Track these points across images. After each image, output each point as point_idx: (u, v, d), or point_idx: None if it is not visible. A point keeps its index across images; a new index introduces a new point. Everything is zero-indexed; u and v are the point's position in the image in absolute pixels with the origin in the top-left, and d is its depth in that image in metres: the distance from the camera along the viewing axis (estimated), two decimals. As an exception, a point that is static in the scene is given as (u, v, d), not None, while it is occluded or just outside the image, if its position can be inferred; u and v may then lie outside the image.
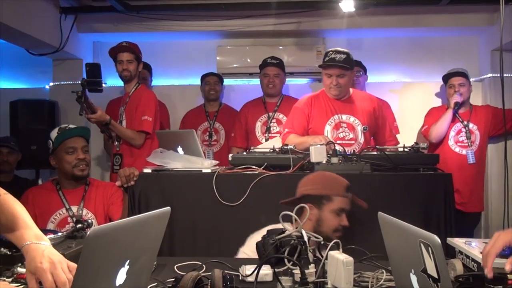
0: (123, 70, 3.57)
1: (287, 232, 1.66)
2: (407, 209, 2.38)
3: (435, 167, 2.59)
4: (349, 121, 3.10)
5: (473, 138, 3.88)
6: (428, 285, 1.04)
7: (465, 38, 4.64)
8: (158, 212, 1.26)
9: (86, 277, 1.01)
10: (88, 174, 2.69)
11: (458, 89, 3.88)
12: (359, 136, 3.08)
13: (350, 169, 2.47)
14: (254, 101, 4.14)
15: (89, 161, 2.69)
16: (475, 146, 3.89)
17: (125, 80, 3.61)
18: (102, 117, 3.33)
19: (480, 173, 3.94)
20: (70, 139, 2.62)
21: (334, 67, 3.04)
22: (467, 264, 1.60)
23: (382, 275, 1.50)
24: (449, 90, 3.96)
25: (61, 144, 2.61)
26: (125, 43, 3.64)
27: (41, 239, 1.31)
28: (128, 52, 3.59)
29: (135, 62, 3.61)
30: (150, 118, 3.47)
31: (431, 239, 0.98)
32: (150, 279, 1.52)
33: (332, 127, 3.11)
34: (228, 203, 2.43)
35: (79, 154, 2.60)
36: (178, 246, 2.45)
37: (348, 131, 3.09)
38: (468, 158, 3.84)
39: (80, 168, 2.61)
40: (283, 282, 1.47)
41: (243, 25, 4.39)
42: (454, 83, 3.92)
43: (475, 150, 3.88)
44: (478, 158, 3.88)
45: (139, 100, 3.54)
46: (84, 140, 2.69)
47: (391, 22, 4.39)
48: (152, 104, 3.54)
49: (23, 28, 3.63)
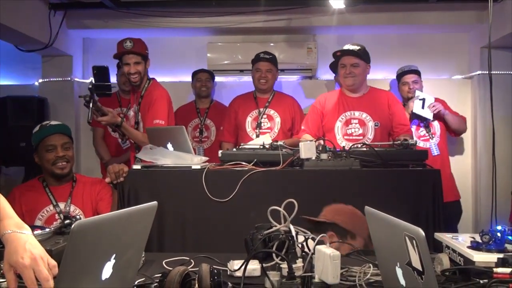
0: (130, 74, 3.33)
1: (275, 227, 1.66)
2: (396, 204, 2.40)
3: (423, 163, 2.60)
4: (361, 117, 3.16)
5: (433, 130, 3.92)
6: (413, 277, 1.04)
7: (454, 36, 4.67)
8: (144, 206, 1.26)
9: (71, 271, 1.01)
10: (69, 171, 2.64)
11: (412, 87, 3.95)
12: (369, 132, 3.14)
13: (340, 165, 2.48)
14: (244, 96, 4.08)
15: (71, 158, 2.64)
16: (437, 138, 3.93)
17: (135, 85, 3.39)
18: (113, 119, 3.10)
19: (445, 163, 3.96)
20: (49, 136, 2.60)
21: (347, 54, 3.14)
22: (454, 258, 1.62)
23: (369, 269, 1.51)
24: (402, 87, 4.03)
25: (41, 142, 2.60)
26: (128, 42, 3.36)
27: (22, 228, 1.27)
28: (134, 54, 3.35)
29: (143, 62, 3.36)
30: (163, 121, 3.26)
31: (415, 232, 0.99)
32: (138, 275, 1.52)
33: (342, 124, 3.19)
34: (217, 199, 2.43)
35: (59, 151, 2.58)
36: (168, 242, 2.45)
37: (358, 127, 3.15)
38: (432, 151, 3.86)
39: (59, 166, 2.58)
40: (271, 277, 1.47)
41: (233, 22, 4.38)
42: (407, 80, 3.99)
43: (438, 142, 3.92)
44: (441, 149, 3.92)
45: (150, 101, 3.32)
46: (64, 137, 2.65)
47: (381, 19, 4.41)
48: (164, 105, 3.32)
49: (11, 24, 3.59)
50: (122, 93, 4.34)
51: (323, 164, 2.49)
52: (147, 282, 1.50)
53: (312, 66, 4.60)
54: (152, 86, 3.42)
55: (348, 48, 3.19)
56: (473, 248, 1.55)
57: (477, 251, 1.52)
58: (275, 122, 3.88)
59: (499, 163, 3.13)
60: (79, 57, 4.80)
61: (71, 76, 4.64)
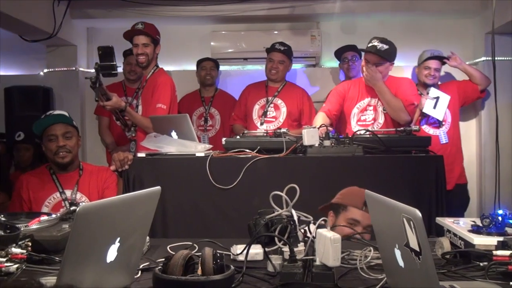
0: (138, 54, 3.38)
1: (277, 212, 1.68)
2: (398, 190, 2.42)
3: (426, 149, 2.61)
4: (376, 104, 3.16)
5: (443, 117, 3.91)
6: (411, 258, 1.06)
7: (459, 22, 4.64)
8: (148, 191, 1.28)
9: (77, 253, 1.04)
10: (71, 160, 2.64)
11: (433, 73, 3.94)
12: (379, 117, 3.14)
13: (343, 152, 2.50)
14: (257, 84, 4.12)
15: (73, 147, 2.64)
16: (447, 125, 3.92)
17: (142, 66, 3.44)
18: (117, 103, 3.12)
19: (457, 150, 3.97)
20: (50, 126, 2.61)
21: (370, 54, 3.06)
22: (455, 242, 1.63)
23: (370, 252, 1.53)
24: (423, 70, 3.97)
25: (43, 131, 2.62)
26: (140, 25, 3.42)
27: None
28: (144, 35, 3.38)
29: (152, 45, 3.40)
30: (165, 106, 3.28)
31: (412, 213, 1.01)
32: (142, 259, 1.55)
33: (359, 110, 3.20)
34: (221, 186, 2.46)
35: (59, 141, 2.59)
36: (172, 228, 2.49)
37: (372, 113, 3.16)
38: (440, 138, 3.87)
39: (60, 155, 2.59)
40: (273, 260, 1.49)
41: (237, 10, 4.37)
42: (430, 65, 3.96)
43: (447, 130, 3.91)
44: (451, 136, 3.91)
45: (154, 85, 3.35)
46: (65, 126, 2.64)
47: (385, 6, 4.38)
48: (168, 91, 3.34)
49: (16, 14, 3.61)
50: (128, 82, 4.37)
51: (326, 150, 2.50)
52: (152, 265, 1.53)
53: (316, 54, 4.59)
54: (158, 72, 3.45)
55: (376, 46, 3.05)
56: (473, 231, 1.56)
57: (478, 234, 1.53)
58: (280, 112, 3.90)
59: (503, 150, 3.13)
60: (84, 47, 4.81)
61: (76, 66, 4.65)
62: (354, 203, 2.00)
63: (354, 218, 1.98)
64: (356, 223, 1.98)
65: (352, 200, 2.02)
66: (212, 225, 2.49)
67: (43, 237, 1.59)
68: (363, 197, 2.00)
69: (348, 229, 1.95)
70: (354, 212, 1.99)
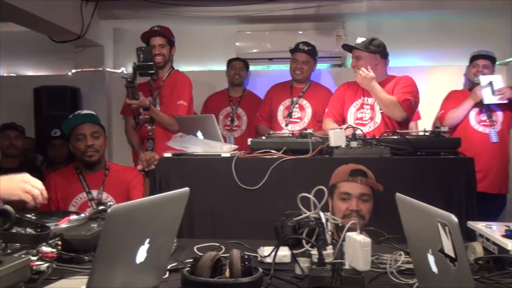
0: (155, 55, 3.52)
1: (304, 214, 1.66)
2: (427, 193, 2.35)
3: (456, 151, 2.56)
4: (373, 103, 3.18)
5: (494, 118, 3.82)
6: (446, 265, 1.03)
7: (488, 21, 4.53)
8: (177, 192, 1.28)
9: (107, 254, 1.04)
10: (98, 159, 2.68)
11: (481, 70, 3.86)
12: (376, 115, 3.14)
13: (370, 153, 2.46)
14: (282, 84, 4.10)
15: (100, 147, 2.68)
16: (498, 126, 3.83)
17: (158, 66, 3.57)
18: (143, 102, 3.31)
19: (504, 154, 3.87)
20: (78, 126, 2.65)
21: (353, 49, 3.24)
22: (488, 247, 1.59)
23: (400, 257, 1.50)
24: (472, 69, 3.96)
25: (72, 131, 2.66)
26: (156, 27, 3.63)
27: None
28: (160, 37, 3.57)
29: (168, 46, 3.60)
30: (185, 102, 3.49)
31: (448, 218, 0.98)
32: (170, 259, 1.55)
33: (356, 109, 3.22)
34: (247, 187, 2.45)
35: (88, 140, 2.63)
36: (198, 229, 2.49)
37: (369, 112, 3.17)
38: (491, 137, 3.78)
39: (89, 154, 2.64)
40: (301, 263, 1.48)
41: (262, 10, 4.35)
42: (478, 63, 3.92)
43: (498, 130, 3.82)
44: (501, 138, 3.82)
45: (174, 84, 3.54)
46: (93, 125, 2.69)
47: (412, 5, 4.30)
48: (187, 88, 3.55)
49: (45, 16, 3.67)
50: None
51: (353, 152, 2.47)
52: (180, 266, 1.53)
53: (341, 54, 4.53)
54: (175, 73, 3.66)
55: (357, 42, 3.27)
56: (507, 236, 1.52)
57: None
58: (306, 113, 3.87)
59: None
60: (110, 48, 4.87)
61: (103, 66, 4.71)
62: (340, 178, 2.04)
63: (344, 191, 2.01)
64: (348, 196, 2.00)
65: (338, 177, 2.06)
66: (237, 226, 2.48)
67: (73, 236, 1.60)
68: (347, 170, 2.05)
69: (342, 204, 1.99)
70: (342, 186, 2.02)
